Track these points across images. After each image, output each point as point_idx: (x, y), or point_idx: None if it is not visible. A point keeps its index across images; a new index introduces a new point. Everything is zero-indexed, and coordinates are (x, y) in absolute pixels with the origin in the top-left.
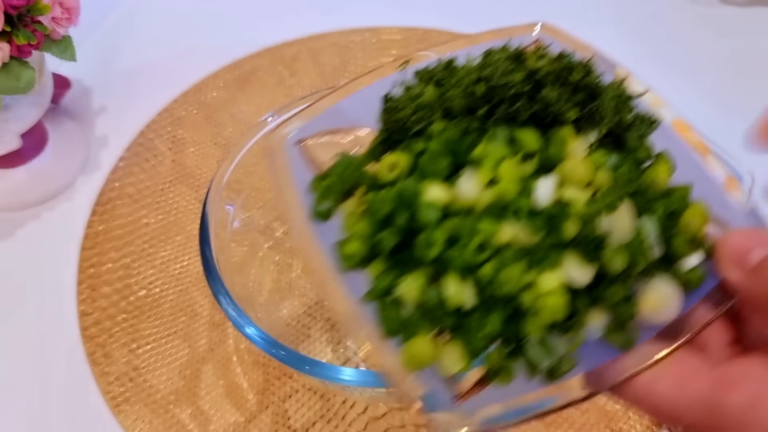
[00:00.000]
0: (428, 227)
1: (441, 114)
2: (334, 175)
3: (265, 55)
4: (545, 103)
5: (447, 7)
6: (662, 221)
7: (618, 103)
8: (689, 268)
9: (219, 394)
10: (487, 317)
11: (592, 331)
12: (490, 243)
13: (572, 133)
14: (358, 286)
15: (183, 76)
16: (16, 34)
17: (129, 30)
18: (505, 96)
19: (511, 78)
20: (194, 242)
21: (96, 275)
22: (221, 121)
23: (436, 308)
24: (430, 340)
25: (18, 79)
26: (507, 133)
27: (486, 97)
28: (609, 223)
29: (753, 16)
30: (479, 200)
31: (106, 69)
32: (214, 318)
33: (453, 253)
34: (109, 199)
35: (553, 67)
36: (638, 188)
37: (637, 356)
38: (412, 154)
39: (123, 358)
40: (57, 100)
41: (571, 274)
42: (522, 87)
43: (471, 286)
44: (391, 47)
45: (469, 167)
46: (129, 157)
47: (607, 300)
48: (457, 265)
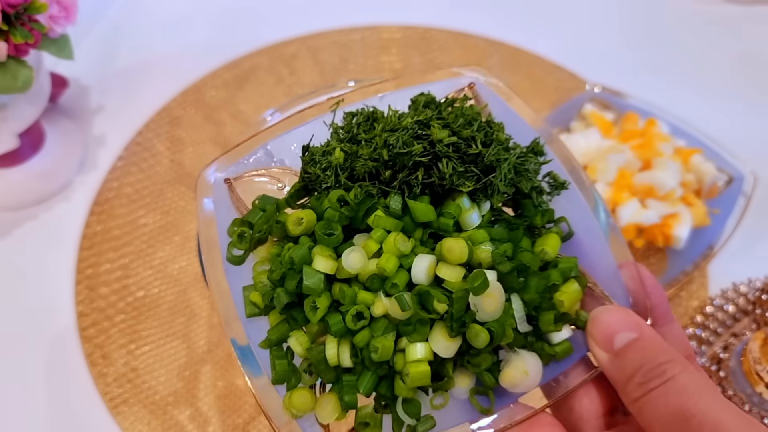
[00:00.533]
0: (313, 294)
1: (346, 175)
2: (249, 222)
3: (264, 53)
4: (442, 175)
5: (447, 7)
6: (536, 297)
7: (516, 174)
8: (557, 342)
9: (218, 396)
10: (362, 377)
11: (458, 393)
12: (366, 313)
13: (464, 204)
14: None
15: (181, 74)
16: (13, 32)
17: (127, 28)
18: (406, 164)
19: (413, 148)
20: (193, 242)
21: (94, 276)
22: (220, 121)
23: (319, 363)
24: (310, 392)
25: (15, 78)
26: (401, 202)
27: (389, 163)
28: (476, 302)
29: (757, 15)
30: (364, 270)
31: (104, 68)
32: (213, 319)
33: (333, 318)
34: (107, 199)
35: (452, 140)
36: (516, 266)
37: (500, 419)
38: (316, 210)
39: (121, 359)
40: (55, 99)
41: (437, 347)
42: (421, 157)
43: (348, 348)
44: (391, 45)
45: (359, 237)
46: (127, 157)
47: (472, 367)
48: (335, 330)
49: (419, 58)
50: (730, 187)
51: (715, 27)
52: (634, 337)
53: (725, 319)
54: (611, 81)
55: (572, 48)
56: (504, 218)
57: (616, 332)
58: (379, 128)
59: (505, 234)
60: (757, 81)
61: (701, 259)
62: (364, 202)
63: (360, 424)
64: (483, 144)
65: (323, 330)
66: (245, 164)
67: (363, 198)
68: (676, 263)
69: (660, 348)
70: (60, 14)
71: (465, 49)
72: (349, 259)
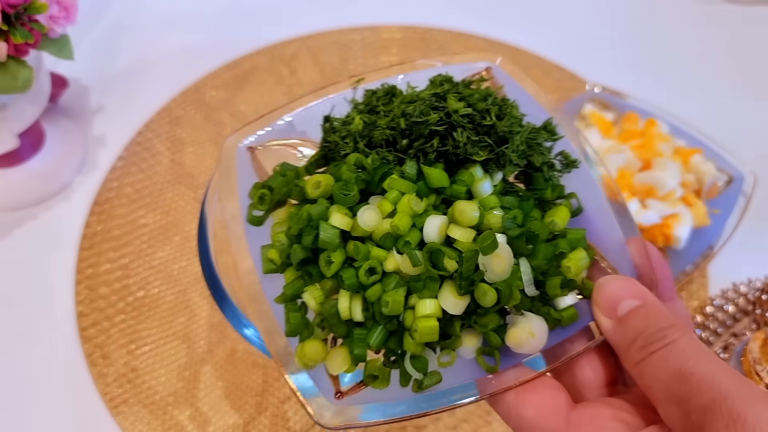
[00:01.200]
0: (329, 248)
1: (364, 143)
2: (269, 186)
3: (264, 53)
4: (456, 144)
5: (446, 6)
6: (544, 263)
7: (528, 148)
8: (563, 307)
9: (218, 396)
10: (372, 332)
11: (465, 353)
12: (379, 269)
13: (476, 173)
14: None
15: (182, 75)
16: (13, 32)
17: (127, 28)
18: (423, 133)
19: (429, 117)
20: (193, 243)
21: (94, 276)
22: (220, 121)
23: (331, 317)
24: (322, 343)
25: (15, 78)
26: (417, 168)
27: (406, 132)
28: (486, 262)
29: (756, 15)
30: (378, 228)
31: (104, 68)
32: (213, 319)
33: (346, 273)
34: (107, 199)
35: (467, 111)
36: (525, 232)
37: (500, 379)
38: (335, 176)
39: (121, 359)
40: (55, 100)
41: (446, 304)
42: (437, 126)
43: (360, 303)
44: (391, 45)
45: (374, 198)
46: (127, 157)
47: (479, 327)
48: (349, 284)
49: (419, 58)
50: (730, 187)
51: (714, 27)
52: (638, 304)
53: (725, 320)
54: (611, 81)
55: (572, 48)
56: (515, 190)
57: (620, 299)
58: (398, 101)
59: (516, 203)
60: (757, 81)
61: (701, 259)
62: (381, 167)
63: (369, 377)
64: (497, 117)
65: (336, 286)
66: (268, 134)
67: (379, 164)
68: (676, 263)
69: (662, 314)
70: (60, 14)
71: (465, 49)
72: (365, 216)
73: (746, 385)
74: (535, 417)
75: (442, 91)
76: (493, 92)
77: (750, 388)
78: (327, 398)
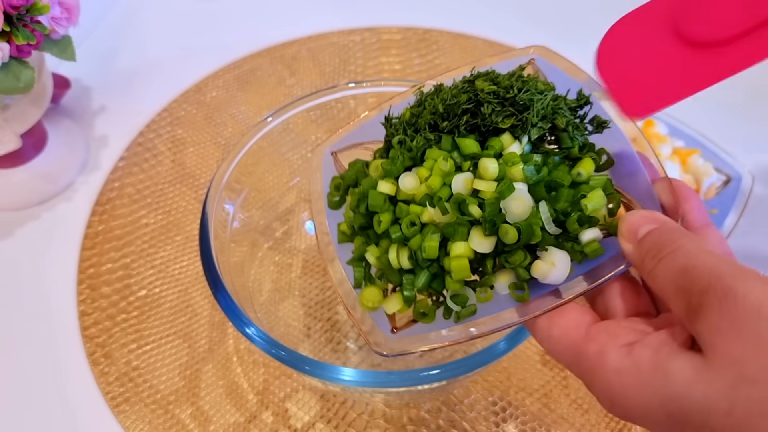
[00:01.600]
0: (379, 210)
1: (412, 129)
2: (342, 176)
3: (264, 54)
4: (483, 117)
5: (446, 7)
6: (567, 206)
7: (552, 113)
8: (585, 242)
9: (219, 394)
10: (417, 275)
11: (500, 289)
12: (417, 222)
13: (504, 139)
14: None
15: (183, 75)
16: (15, 33)
17: (129, 30)
18: (456, 112)
19: (459, 98)
20: (194, 242)
21: (96, 275)
22: (221, 121)
23: (386, 268)
24: (379, 290)
25: (18, 79)
26: (451, 140)
27: (444, 115)
28: (505, 206)
29: None
30: (417, 191)
31: (105, 69)
32: (214, 318)
33: (393, 229)
34: (108, 199)
35: (492, 89)
36: (545, 180)
37: (534, 307)
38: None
39: (123, 359)
40: (57, 100)
41: (475, 244)
42: (468, 105)
43: (406, 252)
44: (390, 47)
45: (415, 168)
46: (128, 157)
47: (508, 264)
48: (395, 237)
49: (419, 59)
50: (727, 187)
51: None
52: (656, 227)
53: None
54: None
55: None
56: (544, 151)
57: (640, 226)
58: (441, 94)
59: (540, 159)
60: (755, 81)
61: None
62: (422, 145)
63: (418, 314)
64: (518, 90)
65: (388, 244)
66: (348, 140)
67: (422, 143)
68: None
69: (677, 230)
70: (62, 16)
71: (464, 50)
72: (404, 181)
73: (741, 268)
74: (561, 335)
75: (472, 77)
76: (518, 73)
77: (743, 270)
78: (384, 333)
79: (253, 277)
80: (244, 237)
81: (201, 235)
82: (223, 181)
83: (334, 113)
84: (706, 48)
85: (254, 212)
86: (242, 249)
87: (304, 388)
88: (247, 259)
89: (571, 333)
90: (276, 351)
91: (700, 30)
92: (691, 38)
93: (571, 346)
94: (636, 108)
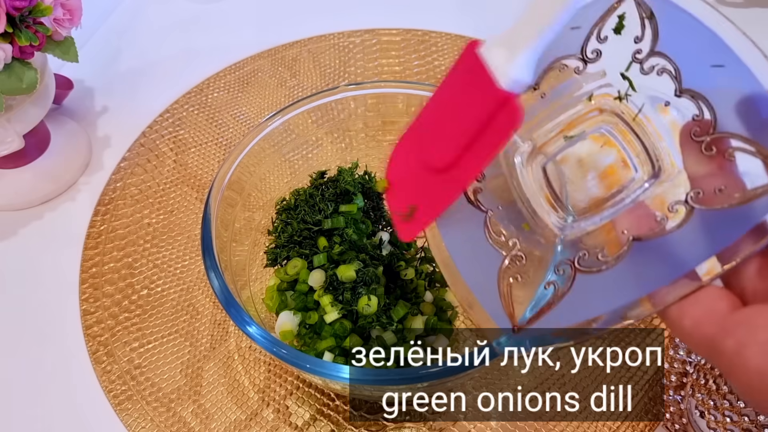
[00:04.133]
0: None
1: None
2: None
3: (266, 56)
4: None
5: (445, 10)
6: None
7: None
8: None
9: (221, 392)
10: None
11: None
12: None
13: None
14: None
15: (185, 76)
16: (18, 35)
17: (131, 31)
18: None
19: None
20: (196, 242)
21: (98, 274)
22: (223, 122)
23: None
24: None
25: (20, 80)
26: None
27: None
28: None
29: (751, 17)
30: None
31: (108, 70)
32: (216, 317)
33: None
34: (111, 199)
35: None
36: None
37: (663, 295)
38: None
39: (125, 357)
40: (59, 101)
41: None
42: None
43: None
44: (390, 48)
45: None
46: (131, 158)
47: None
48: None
49: (418, 60)
50: None
51: None
52: None
53: None
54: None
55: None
56: None
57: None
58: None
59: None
60: None
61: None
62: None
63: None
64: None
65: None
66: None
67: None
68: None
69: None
70: (64, 17)
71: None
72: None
73: None
74: (693, 326)
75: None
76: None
77: None
78: (504, 331)
79: (254, 277)
80: (245, 236)
81: (203, 235)
82: (225, 181)
83: (334, 114)
84: (441, 172)
85: (256, 212)
86: (244, 248)
87: (305, 386)
88: (248, 259)
89: (704, 324)
90: (277, 349)
91: (433, 157)
92: (430, 165)
93: (705, 340)
94: (406, 234)
